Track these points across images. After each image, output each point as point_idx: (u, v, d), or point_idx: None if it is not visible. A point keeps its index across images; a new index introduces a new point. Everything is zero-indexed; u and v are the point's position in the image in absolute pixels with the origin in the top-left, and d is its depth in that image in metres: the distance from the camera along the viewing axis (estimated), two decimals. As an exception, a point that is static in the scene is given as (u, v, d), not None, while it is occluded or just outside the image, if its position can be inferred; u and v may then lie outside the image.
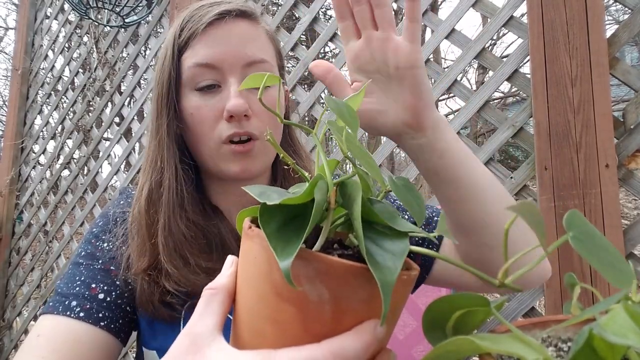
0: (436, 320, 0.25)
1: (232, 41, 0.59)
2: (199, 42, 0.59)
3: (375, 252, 0.26)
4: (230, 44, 0.59)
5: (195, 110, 0.59)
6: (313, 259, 0.25)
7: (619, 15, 6.29)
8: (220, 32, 0.59)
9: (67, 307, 0.56)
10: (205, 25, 0.58)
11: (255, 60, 0.60)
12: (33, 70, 2.62)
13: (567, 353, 0.25)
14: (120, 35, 2.22)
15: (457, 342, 0.20)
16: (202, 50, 0.58)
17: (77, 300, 0.57)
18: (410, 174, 1.30)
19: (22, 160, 2.58)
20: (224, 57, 0.58)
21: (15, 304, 2.50)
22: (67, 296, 0.57)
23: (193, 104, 0.59)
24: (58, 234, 2.39)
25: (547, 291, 1.02)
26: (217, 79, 0.59)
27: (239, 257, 0.31)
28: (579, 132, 1.02)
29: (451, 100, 8.50)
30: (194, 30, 0.59)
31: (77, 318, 0.55)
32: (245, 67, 0.59)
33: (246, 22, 0.61)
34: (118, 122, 2.21)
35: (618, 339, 0.16)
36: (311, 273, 0.25)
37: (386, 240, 0.27)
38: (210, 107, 0.59)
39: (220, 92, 0.59)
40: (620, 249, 0.96)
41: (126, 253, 0.61)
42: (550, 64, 1.06)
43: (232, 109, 0.56)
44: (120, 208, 0.68)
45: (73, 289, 0.58)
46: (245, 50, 0.59)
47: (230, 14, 0.59)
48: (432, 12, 1.31)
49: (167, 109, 0.59)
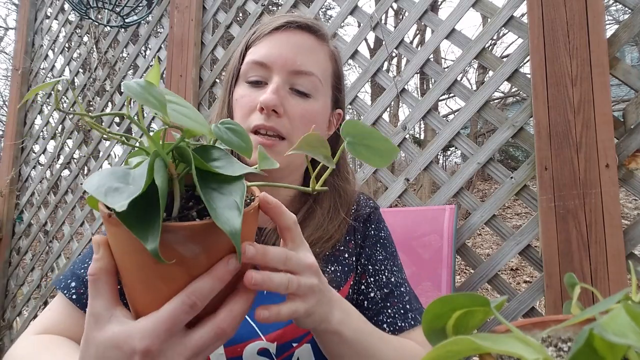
0: (436, 320, 0.25)
1: (288, 47, 0.65)
2: (261, 42, 0.67)
3: (218, 201, 0.30)
4: (286, 50, 0.65)
5: (239, 98, 0.67)
6: (176, 229, 0.30)
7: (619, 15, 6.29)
8: (281, 37, 0.66)
9: (67, 285, 0.62)
10: (271, 29, 0.67)
11: (302, 71, 0.65)
12: (33, 70, 2.62)
13: (567, 353, 0.25)
14: (120, 35, 2.22)
15: (457, 342, 0.20)
16: (262, 50, 0.66)
17: (76, 282, 0.62)
18: (411, 174, 1.30)
19: (22, 160, 2.58)
20: (276, 59, 0.65)
21: (15, 304, 2.50)
22: (72, 275, 0.63)
23: (240, 92, 0.67)
24: (58, 234, 2.39)
25: (547, 291, 1.02)
26: (265, 77, 0.66)
27: (109, 238, 0.34)
28: (579, 132, 1.02)
29: (451, 100, 8.52)
30: (262, 32, 0.68)
31: (70, 299, 0.61)
32: (292, 74, 0.65)
33: (310, 35, 0.68)
34: (118, 122, 2.21)
35: (618, 339, 0.16)
36: (180, 239, 0.31)
37: (225, 185, 0.32)
38: (250, 98, 0.65)
39: (262, 88, 0.66)
40: (620, 249, 0.96)
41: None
42: (550, 64, 1.06)
43: (263, 101, 0.62)
44: None
45: (79, 270, 0.64)
46: (296, 58, 0.65)
47: (295, 24, 0.67)
48: (432, 12, 1.31)
49: (229, 93, 0.70)
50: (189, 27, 1.84)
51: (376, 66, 1.38)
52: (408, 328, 0.65)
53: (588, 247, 0.98)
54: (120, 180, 0.29)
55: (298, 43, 0.66)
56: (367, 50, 7.93)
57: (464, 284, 1.17)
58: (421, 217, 1.18)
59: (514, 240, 1.12)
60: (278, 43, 0.65)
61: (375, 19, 1.39)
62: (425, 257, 1.13)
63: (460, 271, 3.89)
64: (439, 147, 1.26)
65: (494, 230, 1.17)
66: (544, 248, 1.03)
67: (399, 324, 0.65)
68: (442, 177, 1.26)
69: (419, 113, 1.30)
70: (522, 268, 4.23)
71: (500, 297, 0.26)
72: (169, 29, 1.90)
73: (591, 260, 0.98)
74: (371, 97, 7.78)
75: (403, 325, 0.65)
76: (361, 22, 1.43)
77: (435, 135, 1.27)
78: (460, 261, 1.84)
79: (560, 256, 1.01)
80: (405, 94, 1.34)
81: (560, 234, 1.01)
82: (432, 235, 1.14)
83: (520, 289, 2.72)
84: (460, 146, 1.23)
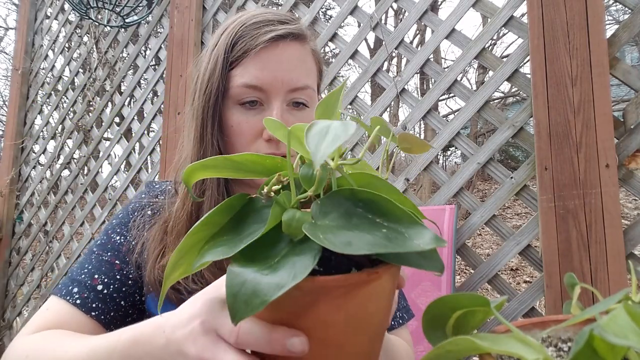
0: (436, 320, 0.25)
1: (282, 66, 0.61)
2: (251, 62, 0.61)
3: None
4: (280, 69, 0.61)
5: (236, 124, 0.61)
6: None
7: (619, 15, 6.29)
8: (273, 56, 0.61)
9: (69, 292, 0.61)
10: (259, 49, 0.60)
11: (298, 87, 0.62)
12: (33, 70, 2.62)
13: (567, 353, 0.25)
14: (120, 35, 2.22)
15: (457, 342, 0.20)
16: (253, 72, 0.60)
17: (79, 288, 0.61)
18: (411, 174, 1.30)
19: (22, 160, 2.58)
20: (272, 81, 0.60)
21: (15, 304, 2.50)
22: (72, 281, 0.62)
23: (235, 117, 0.61)
24: (58, 234, 2.39)
25: (547, 291, 1.02)
26: (261, 98, 0.61)
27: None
28: (579, 132, 1.02)
29: (451, 100, 8.52)
30: (247, 49, 0.60)
31: (73, 304, 0.60)
32: (289, 92, 0.62)
33: (296, 43, 0.63)
34: (118, 122, 2.21)
35: (618, 339, 0.16)
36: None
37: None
38: (251, 124, 0.61)
39: (262, 110, 0.62)
40: (620, 249, 0.96)
41: (150, 247, 0.63)
42: (550, 64, 1.06)
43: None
44: (140, 201, 0.71)
45: (79, 276, 0.63)
46: (292, 76, 0.61)
47: (284, 39, 0.62)
48: (432, 12, 1.31)
49: (212, 120, 0.61)
50: (189, 27, 1.84)
51: (376, 66, 1.38)
52: (397, 327, 0.66)
53: (588, 247, 0.98)
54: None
55: (289, 58, 0.62)
56: (367, 50, 7.93)
57: (464, 284, 1.17)
58: (421, 217, 1.18)
59: (514, 240, 1.12)
60: (268, 62, 0.61)
61: (375, 19, 1.39)
62: (425, 257, 1.12)
63: (460, 271, 3.89)
64: (439, 147, 1.26)
65: (494, 230, 1.17)
66: (544, 248, 1.03)
67: (390, 322, 0.65)
68: (442, 177, 1.26)
69: (419, 113, 1.30)
70: (522, 268, 4.23)
71: (500, 297, 0.25)
72: (169, 29, 1.90)
73: (591, 260, 0.98)
74: (371, 97, 7.78)
75: (393, 324, 0.66)
76: (361, 22, 1.43)
77: (435, 135, 1.27)
78: (460, 261, 1.84)
79: (560, 256, 1.01)
80: (405, 94, 1.34)
81: (560, 234, 1.01)
82: (432, 235, 1.14)
83: (520, 289, 2.71)
84: (460, 146, 1.23)
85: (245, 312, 0.24)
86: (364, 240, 0.24)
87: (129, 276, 0.64)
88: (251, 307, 0.24)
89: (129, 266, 0.64)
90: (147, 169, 2.04)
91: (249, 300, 0.24)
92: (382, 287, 0.28)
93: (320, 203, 0.28)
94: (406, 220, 0.26)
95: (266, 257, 0.27)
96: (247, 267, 0.26)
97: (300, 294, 0.26)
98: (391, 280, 0.29)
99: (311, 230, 0.25)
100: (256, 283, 0.25)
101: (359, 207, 0.27)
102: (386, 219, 0.26)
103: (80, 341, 0.48)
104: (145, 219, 0.67)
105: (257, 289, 0.24)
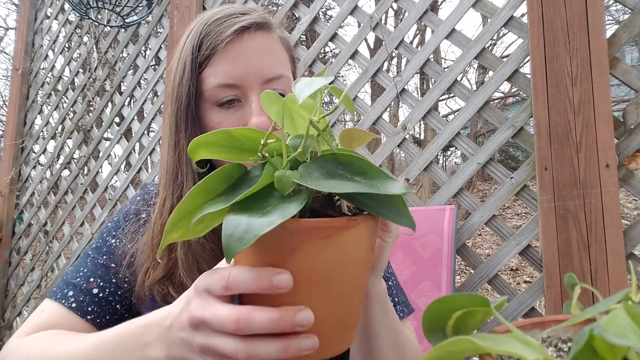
0: (436, 320, 0.25)
1: (252, 58, 0.60)
2: (220, 59, 0.60)
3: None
4: (251, 61, 0.60)
5: (216, 125, 0.60)
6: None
7: (619, 15, 6.29)
8: (240, 48, 0.60)
9: (64, 295, 0.61)
10: (225, 43, 0.59)
11: (272, 77, 0.61)
12: (33, 70, 2.62)
13: (567, 353, 0.25)
14: (120, 35, 2.22)
15: (457, 342, 0.20)
16: (224, 68, 0.59)
17: (74, 291, 0.62)
18: (411, 174, 1.30)
19: (22, 160, 2.58)
20: (244, 75, 0.59)
21: (15, 304, 2.50)
22: (68, 284, 0.62)
23: (214, 118, 0.60)
24: (58, 234, 2.39)
25: (547, 291, 1.02)
26: (238, 95, 0.60)
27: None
28: (579, 132, 1.02)
29: (451, 100, 8.52)
30: (214, 46, 0.59)
31: (69, 308, 0.60)
32: (264, 84, 0.61)
33: (263, 33, 0.62)
34: (118, 122, 2.21)
35: (618, 339, 0.16)
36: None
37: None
38: (231, 122, 0.60)
39: (241, 107, 0.61)
40: (620, 249, 0.96)
41: (139, 260, 0.62)
42: (550, 64, 1.06)
43: (258, 125, 0.57)
44: (136, 205, 0.71)
45: (74, 279, 0.63)
46: (263, 67, 0.60)
47: (248, 29, 0.60)
48: (432, 12, 1.31)
49: (186, 124, 0.60)
50: (189, 27, 1.84)
51: (376, 66, 1.38)
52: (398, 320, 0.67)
53: (588, 247, 0.98)
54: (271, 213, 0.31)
55: (256, 49, 0.61)
56: (367, 50, 7.93)
57: (464, 284, 1.17)
58: (421, 217, 1.18)
59: (514, 241, 1.12)
60: (237, 56, 0.59)
61: (375, 19, 1.39)
62: (425, 257, 1.13)
63: (460, 271, 3.89)
64: (439, 147, 1.26)
65: (494, 230, 1.17)
66: (544, 248, 1.03)
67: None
68: (442, 177, 1.26)
69: (419, 113, 1.30)
70: (522, 268, 4.23)
71: (500, 297, 0.25)
72: (169, 29, 1.90)
73: (591, 260, 0.98)
74: (371, 97, 7.78)
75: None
76: (361, 22, 1.43)
77: (435, 135, 1.27)
78: (460, 261, 1.84)
79: (560, 256, 1.01)
80: (405, 94, 1.34)
81: (560, 234, 1.01)
82: (432, 236, 1.14)
83: (520, 289, 2.71)
84: (460, 146, 1.23)
85: (239, 247, 0.27)
86: (346, 186, 0.29)
87: (124, 280, 0.63)
88: (244, 241, 0.27)
89: (125, 269, 0.64)
90: (147, 169, 2.04)
91: (242, 236, 0.28)
92: (361, 235, 0.32)
93: (306, 165, 0.32)
94: (382, 177, 0.31)
95: (259, 207, 0.30)
96: (242, 214, 0.29)
97: (287, 234, 0.30)
98: (368, 229, 0.33)
99: (301, 179, 0.29)
100: (249, 223, 0.28)
101: (339, 169, 0.32)
102: (364, 177, 0.31)
103: (85, 337, 0.49)
104: (140, 224, 0.67)
105: (250, 227, 0.28)
